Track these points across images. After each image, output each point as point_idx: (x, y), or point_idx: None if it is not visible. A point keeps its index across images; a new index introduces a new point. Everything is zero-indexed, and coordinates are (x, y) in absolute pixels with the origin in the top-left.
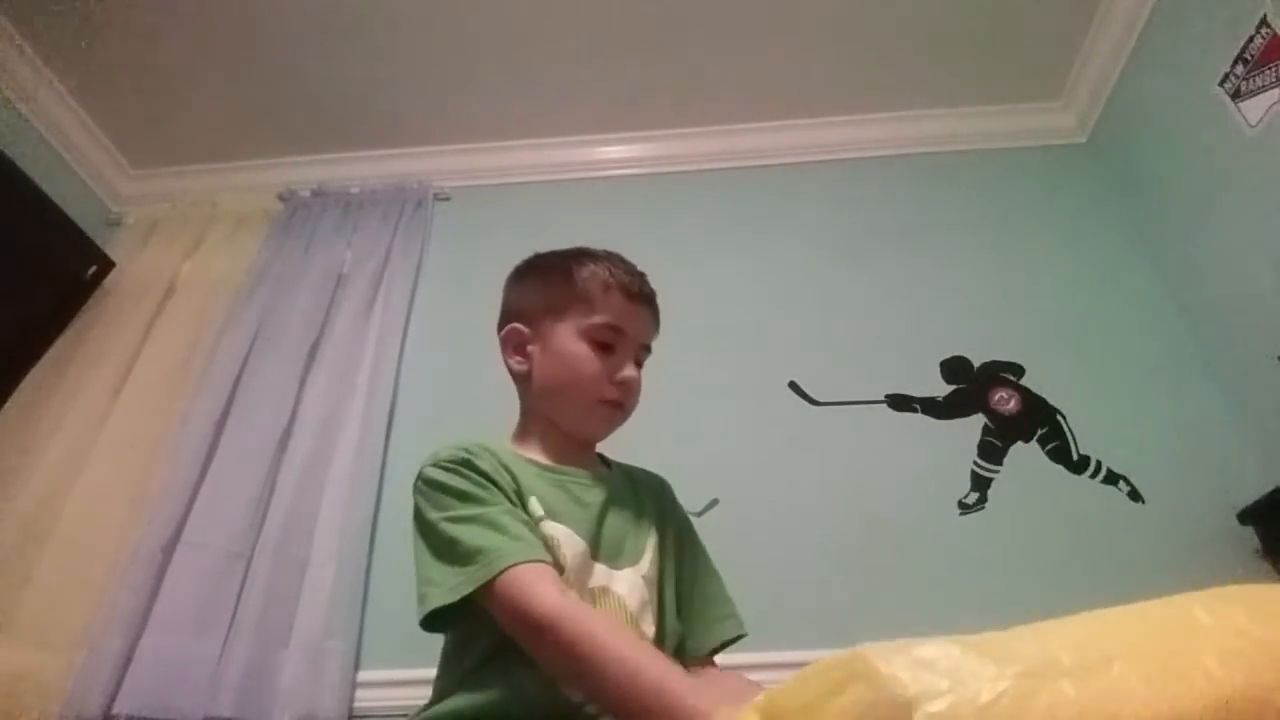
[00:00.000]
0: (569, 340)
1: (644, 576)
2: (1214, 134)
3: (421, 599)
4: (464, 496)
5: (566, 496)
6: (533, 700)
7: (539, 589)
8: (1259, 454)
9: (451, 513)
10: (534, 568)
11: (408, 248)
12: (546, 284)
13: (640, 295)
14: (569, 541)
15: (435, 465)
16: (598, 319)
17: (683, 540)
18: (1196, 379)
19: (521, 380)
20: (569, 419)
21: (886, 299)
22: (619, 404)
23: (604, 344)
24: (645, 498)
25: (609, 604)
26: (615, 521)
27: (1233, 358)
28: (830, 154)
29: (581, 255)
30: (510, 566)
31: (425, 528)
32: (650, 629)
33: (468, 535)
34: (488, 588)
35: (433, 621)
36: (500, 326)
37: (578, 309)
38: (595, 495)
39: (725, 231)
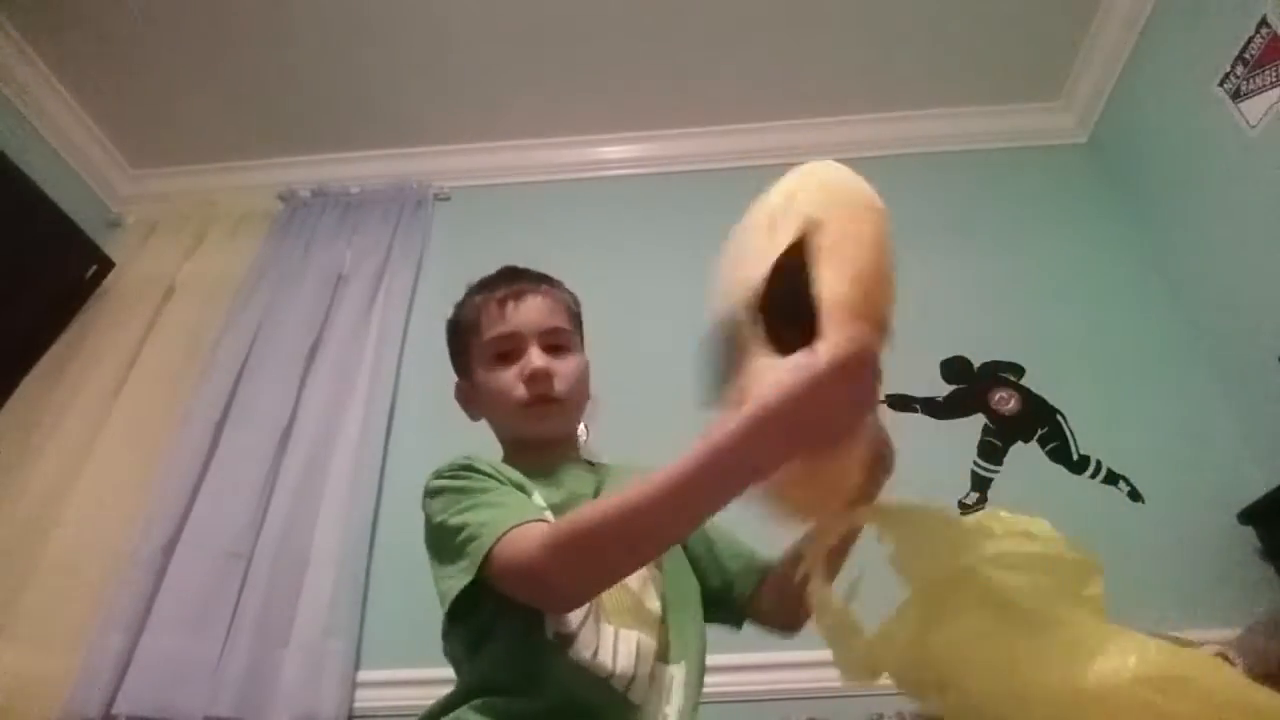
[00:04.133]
0: (480, 372)
1: None
2: (1214, 134)
3: (441, 599)
4: (463, 491)
5: (562, 490)
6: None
7: (532, 534)
8: (1259, 454)
9: (453, 508)
10: (526, 525)
11: (408, 248)
12: (453, 338)
13: (511, 294)
14: None
15: (436, 476)
16: (483, 339)
17: None
18: (1196, 379)
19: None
20: (517, 432)
21: None
22: (538, 397)
23: (502, 355)
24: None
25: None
26: None
27: (1233, 358)
28: (830, 154)
29: (463, 298)
30: (503, 534)
31: (430, 533)
32: (655, 604)
33: (466, 521)
34: (488, 564)
35: (456, 619)
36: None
37: (474, 343)
38: (587, 485)
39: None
